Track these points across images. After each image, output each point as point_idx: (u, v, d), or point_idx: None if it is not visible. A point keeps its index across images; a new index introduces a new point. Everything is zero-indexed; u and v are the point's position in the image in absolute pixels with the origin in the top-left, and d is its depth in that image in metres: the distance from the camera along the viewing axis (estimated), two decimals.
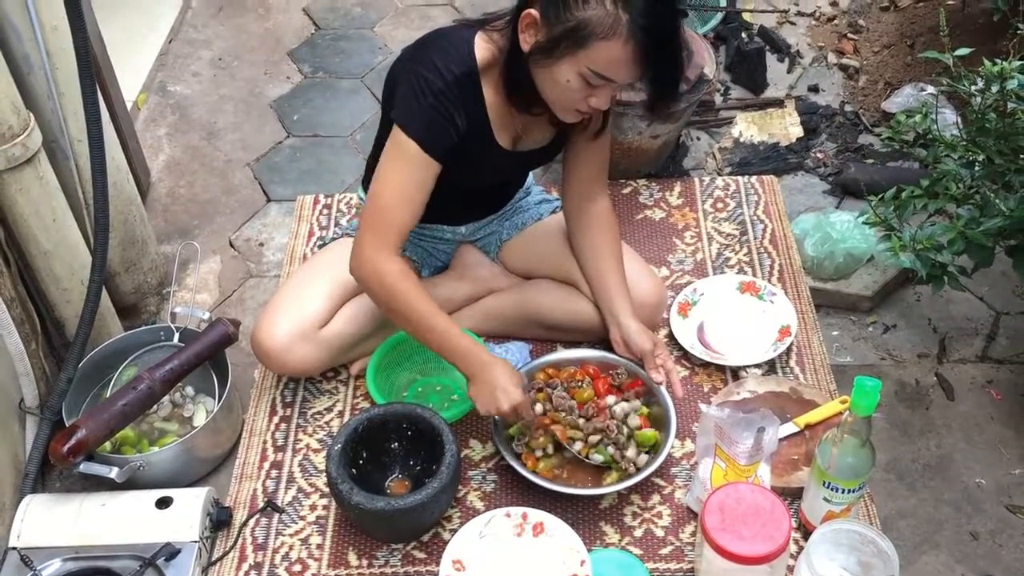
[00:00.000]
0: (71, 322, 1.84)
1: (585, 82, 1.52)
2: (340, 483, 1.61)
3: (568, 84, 1.53)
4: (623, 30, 1.45)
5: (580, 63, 1.50)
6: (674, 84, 1.58)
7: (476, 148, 1.69)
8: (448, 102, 1.59)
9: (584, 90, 1.54)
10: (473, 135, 1.66)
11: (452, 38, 1.64)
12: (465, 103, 1.62)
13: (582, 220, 1.90)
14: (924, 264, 1.72)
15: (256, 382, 1.98)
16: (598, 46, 1.47)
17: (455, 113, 1.61)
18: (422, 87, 1.58)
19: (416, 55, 1.64)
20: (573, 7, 1.46)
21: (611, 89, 1.56)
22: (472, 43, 1.62)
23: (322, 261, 1.92)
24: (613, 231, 1.90)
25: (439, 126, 1.60)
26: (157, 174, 2.49)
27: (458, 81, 1.59)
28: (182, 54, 2.91)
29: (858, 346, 2.02)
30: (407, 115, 1.61)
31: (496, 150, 1.73)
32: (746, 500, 1.52)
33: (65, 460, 1.63)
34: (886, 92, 2.61)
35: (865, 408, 1.45)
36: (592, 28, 1.46)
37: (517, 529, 1.64)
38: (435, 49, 1.63)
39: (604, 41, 1.46)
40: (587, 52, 1.48)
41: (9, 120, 1.57)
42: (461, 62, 1.60)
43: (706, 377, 1.94)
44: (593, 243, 1.88)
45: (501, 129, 1.71)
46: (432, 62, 1.59)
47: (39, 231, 1.70)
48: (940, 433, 1.85)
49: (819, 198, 2.35)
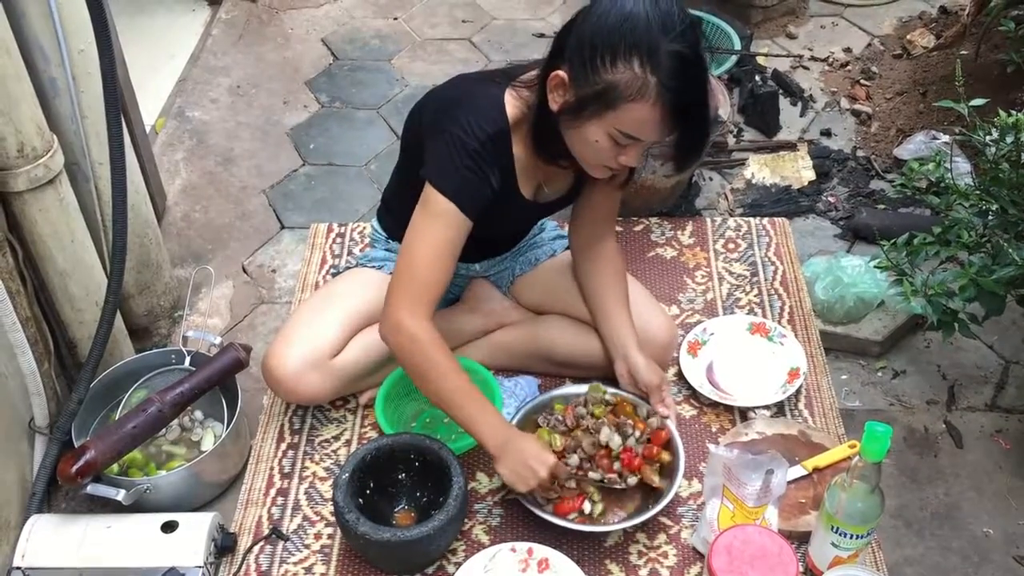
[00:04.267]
0: (84, 343, 1.85)
1: (614, 141, 1.54)
2: (346, 512, 1.60)
3: (597, 144, 1.55)
4: (651, 92, 1.46)
5: (609, 124, 1.51)
6: (701, 142, 1.59)
7: (502, 201, 1.69)
8: (483, 162, 1.59)
9: (613, 149, 1.55)
10: (503, 190, 1.67)
11: (484, 96, 1.64)
12: (498, 161, 1.62)
13: (589, 257, 1.91)
14: (935, 310, 1.72)
15: (265, 408, 1.98)
16: (627, 108, 1.48)
17: (489, 172, 1.61)
18: (457, 147, 1.58)
19: (449, 113, 1.63)
20: (602, 70, 1.47)
21: (640, 147, 1.56)
22: (503, 100, 1.63)
23: (335, 291, 1.92)
24: (620, 268, 1.91)
25: (474, 186, 1.60)
26: (173, 198, 2.51)
27: (492, 139, 1.60)
28: (201, 80, 2.95)
29: (867, 391, 2.02)
30: (442, 175, 1.60)
31: (519, 200, 1.74)
32: (754, 542, 1.52)
33: (73, 481, 1.63)
34: (898, 139, 2.63)
35: (875, 453, 1.45)
36: (621, 91, 1.47)
37: (522, 564, 1.64)
38: (468, 108, 1.62)
39: (633, 103, 1.47)
40: (616, 113, 1.49)
41: (33, 142, 1.59)
42: (494, 121, 1.61)
43: (714, 417, 1.94)
44: (600, 279, 1.89)
45: (525, 180, 1.72)
46: (467, 121, 1.59)
47: (57, 252, 1.72)
48: (948, 481, 1.85)
49: (830, 242, 2.36)
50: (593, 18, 1.47)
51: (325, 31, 3.19)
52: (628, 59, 1.45)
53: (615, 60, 1.46)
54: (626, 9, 1.45)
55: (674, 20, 1.45)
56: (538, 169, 1.72)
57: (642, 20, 1.44)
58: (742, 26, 2.90)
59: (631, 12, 1.44)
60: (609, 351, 1.86)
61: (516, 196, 1.73)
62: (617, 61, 1.46)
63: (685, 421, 1.93)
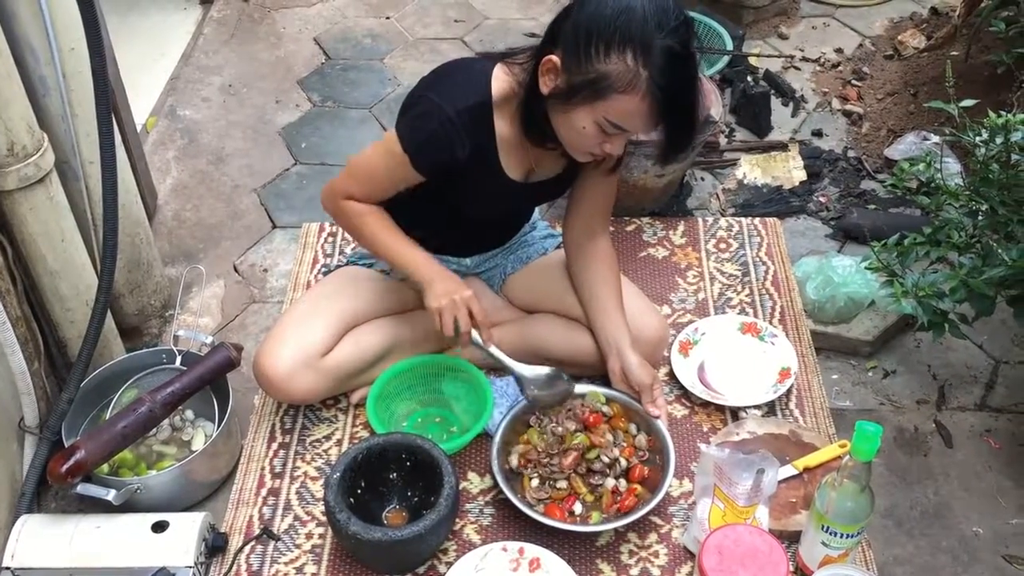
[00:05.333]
0: (73, 342, 1.84)
1: (600, 129, 1.55)
2: (337, 512, 1.60)
3: (584, 130, 1.56)
4: (642, 86, 1.48)
5: (597, 112, 1.53)
6: (688, 137, 1.61)
7: (481, 178, 1.71)
8: (453, 130, 1.62)
9: (599, 136, 1.57)
10: (478, 165, 1.68)
11: (471, 69, 1.68)
12: (473, 133, 1.64)
13: (583, 254, 1.91)
14: (926, 311, 1.73)
15: (255, 408, 1.97)
16: (616, 99, 1.50)
17: (456, 143, 1.63)
18: (429, 111, 1.62)
19: (433, 82, 1.67)
20: (595, 59, 1.48)
21: (625, 137, 1.59)
22: (489, 75, 1.65)
23: (326, 290, 1.92)
24: (613, 266, 1.91)
25: (435, 148, 1.64)
26: (164, 197, 2.50)
27: (469, 111, 1.62)
28: (193, 79, 2.94)
29: (857, 390, 2.02)
30: (408, 130, 1.66)
31: (504, 181, 1.75)
32: (744, 542, 1.52)
33: (64, 480, 1.63)
34: (889, 139, 2.63)
35: (866, 453, 1.45)
36: (611, 81, 1.48)
37: (513, 564, 1.64)
38: (452, 78, 1.66)
39: (622, 95, 1.49)
40: (605, 103, 1.51)
41: (23, 140, 1.58)
42: (475, 93, 1.63)
43: (705, 417, 1.94)
44: (593, 276, 1.89)
45: (512, 161, 1.73)
46: (446, 90, 1.63)
47: (47, 251, 1.71)
48: (938, 480, 1.85)
49: (821, 242, 2.37)
50: (591, 7, 1.49)
51: (317, 30, 3.18)
52: (621, 51, 1.46)
53: (609, 51, 1.47)
54: (624, 2, 1.46)
55: (669, 16, 1.46)
56: (526, 150, 1.73)
57: (638, 14, 1.45)
58: (734, 26, 2.91)
59: (628, 5, 1.46)
60: (602, 348, 1.86)
61: (500, 175, 1.74)
62: (611, 52, 1.47)
63: (676, 421, 1.93)
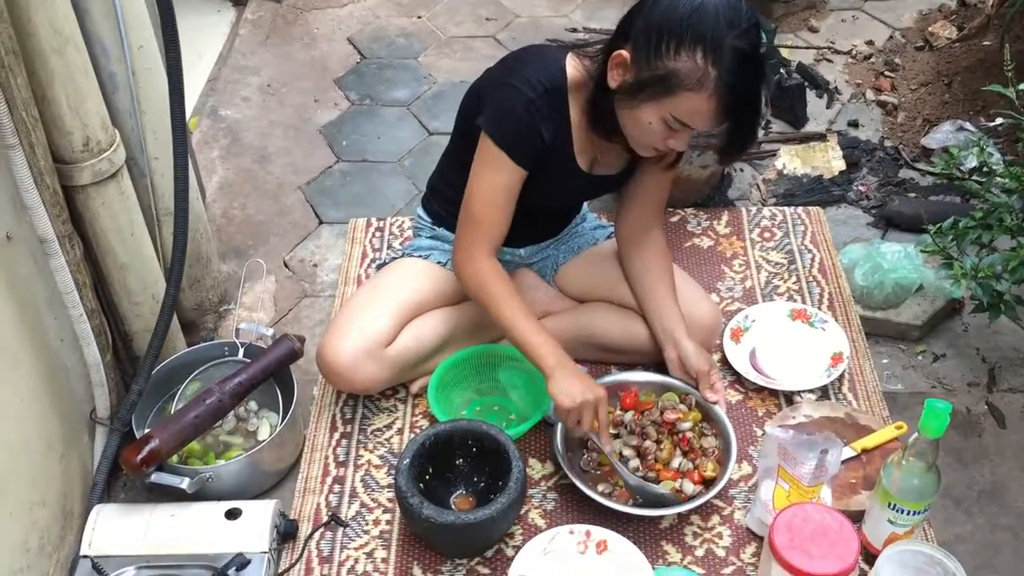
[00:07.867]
0: (139, 336, 1.87)
1: (666, 125, 1.58)
2: (410, 497, 1.63)
3: (649, 126, 1.59)
4: (710, 85, 1.50)
5: (664, 109, 1.55)
6: (749, 138, 1.64)
7: (557, 164, 1.74)
8: (537, 112, 1.65)
9: (664, 132, 1.60)
10: (556, 150, 1.72)
11: (544, 54, 1.71)
12: (552, 116, 1.68)
13: (637, 246, 1.93)
14: (985, 292, 1.75)
15: (315, 399, 2.00)
16: (684, 96, 1.52)
17: (541, 124, 1.66)
18: (511, 97, 1.65)
19: (509, 69, 1.71)
20: (664, 56, 1.51)
21: (689, 133, 1.61)
22: (563, 61, 1.68)
23: (385, 281, 1.95)
24: (667, 257, 1.94)
25: (524, 135, 1.66)
26: (212, 195, 2.53)
27: (548, 93, 1.65)
28: (231, 80, 2.97)
29: (908, 374, 2.05)
30: (494, 124, 1.67)
31: (574, 168, 1.78)
32: (814, 520, 1.55)
33: (138, 469, 1.66)
34: (924, 128, 2.66)
35: (935, 430, 1.48)
36: (680, 79, 1.51)
37: (581, 547, 1.67)
38: (527, 63, 1.69)
39: (690, 93, 1.51)
40: (672, 100, 1.53)
41: (98, 135, 1.61)
42: (551, 77, 1.66)
43: (760, 402, 1.97)
44: (647, 266, 1.92)
45: (580, 150, 1.76)
46: (523, 74, 1.66)
47: (117, 245, 1.74)
48: (993, 460, 1.88)
49: (863, 230, 2.40)
50: (664, 4, 1.51)
51: (351, 30, 3.21)
52: (692, 49, 1.49)
53: (679, 48, 1.49)
54: (696, 0, 1.48)
55: (741, 17, 1.49)
56: (593, 141, 1.76)
57: (710, 13, 1.48)
58: (765, 20, 2.93)
59: (701, 4, 1.48)
60: (657, 337, 1.89)
61: (572, 163, 1.77)
62: (681, 50, 1.49)
63: (732, 406, 1.95)
